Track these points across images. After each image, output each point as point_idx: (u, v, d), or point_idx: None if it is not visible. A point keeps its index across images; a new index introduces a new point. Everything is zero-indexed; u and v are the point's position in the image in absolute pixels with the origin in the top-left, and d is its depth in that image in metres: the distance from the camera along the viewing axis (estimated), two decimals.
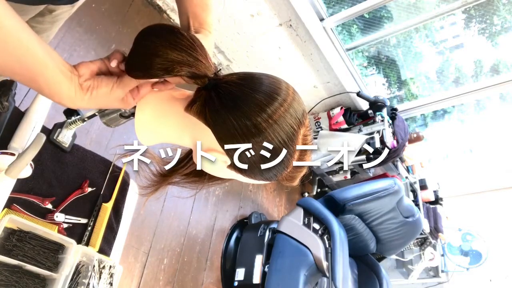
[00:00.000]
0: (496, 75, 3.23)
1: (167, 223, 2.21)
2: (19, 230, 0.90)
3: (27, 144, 0.92)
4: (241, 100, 0.54)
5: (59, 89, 0.51)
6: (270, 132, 0.54)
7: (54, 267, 0.93)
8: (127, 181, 1.19)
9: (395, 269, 3.54)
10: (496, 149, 3.90)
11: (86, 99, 0.54)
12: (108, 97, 0.55)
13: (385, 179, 2.57)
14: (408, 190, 3.21)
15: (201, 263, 2.37)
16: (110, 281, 1.02)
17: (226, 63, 2.89)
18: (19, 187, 0.93)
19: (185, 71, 0.53)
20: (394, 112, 2.96)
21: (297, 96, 0.58)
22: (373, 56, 3.30)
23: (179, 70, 0.52)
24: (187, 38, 0.53)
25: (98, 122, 1.85)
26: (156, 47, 0.52)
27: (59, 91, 0.51)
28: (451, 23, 3.25)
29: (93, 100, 0.54)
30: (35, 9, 0.83)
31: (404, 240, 2.59)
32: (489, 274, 3.37)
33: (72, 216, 1.03)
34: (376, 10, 2.67)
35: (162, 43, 0.52)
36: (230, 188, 2.78)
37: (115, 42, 2.13)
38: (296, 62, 2.74)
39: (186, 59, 0.52)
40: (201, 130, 0.57)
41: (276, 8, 2.36)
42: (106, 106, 0.57)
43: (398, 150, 2.86)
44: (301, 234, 2.08)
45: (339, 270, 1.94)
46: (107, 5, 2.15)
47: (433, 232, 3.28)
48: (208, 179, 0.69)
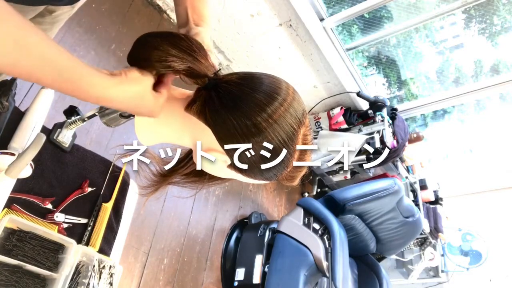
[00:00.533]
0: (496, 75, 3.23)
1: (167, 223, 2.21)
2: (19, 230, 0.90)
3: (27, 144, 0.92)
4: (241, 100, 0.54)
5: (91, 79, 0.49)
6: (270, 132, 0.54)
7: (54, 267, 0.93)
8: (127, 181, 1.19)
9: (395, 269, 3.54)
10: (496, 149, 3.90)
11: (118, 84, 0.52)
12: (141, 82, 0.54)
13: (385, 179, 2.57)
14: (408, 190, 3.21)
15: (201, 263, 2.37)
16: (110, 281, 1.02)
17: (226, 63, 2.89)
18: (19, 187, 0.93)
19: (184, 66, 0.53)
20: (394, 112, 2.96)
21: (297, 95, 0.58)
22: (373, 56, 3.30)
23: (178, 65, 0.53)
24: (186, 40, 0.55)
25: (98, 122, 1.85)
26: (157, 42, 0.54)
27: (91, 81, 0.49)
28: (451, 23, 3.25)
29: (126, 86, 0.52)
30: (34, 10, 0.82)
31: (404, 240, 2.59)
32: (489, 274, 3.37)
33: (72, 216, 1.03)
34: (376, 10, 2.67)
35: (163, 40, 0.54)
36: (230, 188, 2.78)
37: (115, 42, 2.13)
38: (296, 62, 2.74)
39: (185, 57, 0.53)
40: (201, 130, 0.57)
41: (276, 8, 2.36)
42: (138, 94, 0.54)
43: (398, 150, 2.86)
44: (301, 234, 2.08)
45: (339, 270, 1.94)
46: (107, 5, 2.15)
47: (433, 232, 3.28)
48: (208, 179, 0.69)
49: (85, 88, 0.48)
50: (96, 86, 0.49)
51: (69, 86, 0.47)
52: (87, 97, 0.49)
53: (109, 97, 0.51)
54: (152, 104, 0.56)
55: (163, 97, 0.58)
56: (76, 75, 0.47)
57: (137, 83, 0.53)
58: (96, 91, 0.49)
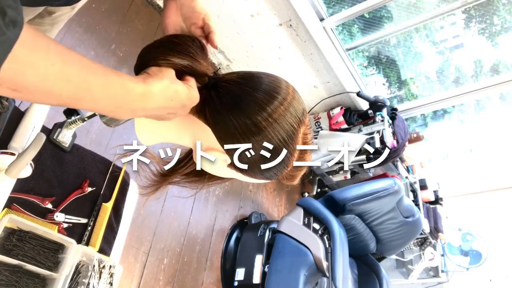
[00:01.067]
0: (496, 75, 3.23)
1: (167, 223, 2.21)
2: (19, 230, 0.90)
3: (27, 144, 0.92)
4: (241, 99, 0.54)
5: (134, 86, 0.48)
6: (270, 131, 0.54)
7: (54, 267, 0.93)
8: (127, 181, 1.19)
9: (395, 269, 3.54)
10: (496, 149, 3.90)
11: (146, 78, 0.50)
12: (165, 70, 0.52)
13: (385, 179, 2.57)
14: (408, 190, 3.21)
15: (201, 263, 2.37)
16: (110, 281, 1.02)
17: (226, 63, 2.89)
18: (19, 187, 0.93)
19: (184, 63, 0.53)
20: (394, 112, 2.96)
21: (297, 95, 0.58)
22: (373, 56, 3.30)
23: (178, 62, 0.53)
24: (185, 41, 0.56)
25: (98, 122, 1.85)
26: (157, 43, 0.56)
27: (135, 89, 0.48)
28: (451, 23, 3.25)
29: (157, 78, 0.50)
30: (33, 11, 0.82)
31: (404, 240, 2.59)
32: (489, 274, 3.37)
33: (72, 216, 1.03)
34: (376, 10, 2.67)
35: (163, 43, 0.56)
36: (230, 188, 2.78)
37: (115, 42, 2.13)
38: (296, 62, 2.74)
39: (186, 58, 0.54)
40: (201, 130, 0.57)
41: (276, 8, 2.36)
42: (170, 80, 0.51)
43: (398, 150, 2.86)
44: (301, 234, 2.08)
45: (339, 270, 1.94)
46: (107, 5, 2.15)
47: (433, 232, 3.28)
48: (208, 179, 0.69)
49: (133, 99, 0.47)
50: (136, 89, 0.47)
51: (119, 103, 0.47)
52: (130, 108, 0.48)
53: (151, 97, 0.49)
54: (185, 88, 0.52)
55: (193, 81, 0.55)
56: (124, 91, 0.46)
57: (162, 72, 0.51)
58: (139, 97, 0.48)
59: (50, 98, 0.40)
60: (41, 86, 0.38)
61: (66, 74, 0.39)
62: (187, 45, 0.55)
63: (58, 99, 0.41)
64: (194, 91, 0.53)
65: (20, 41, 0.34)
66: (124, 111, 0.48)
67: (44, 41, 0.38)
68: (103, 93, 0.44)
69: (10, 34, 0.32)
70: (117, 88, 0.45)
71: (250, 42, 2.66)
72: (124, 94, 0.46)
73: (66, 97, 0.41)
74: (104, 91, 0.44)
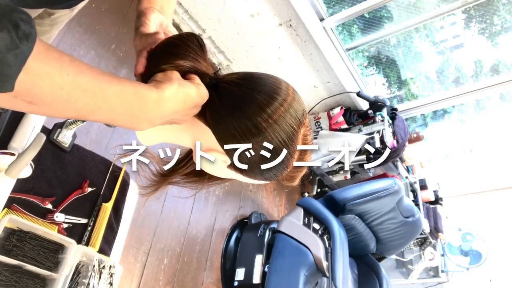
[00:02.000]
0: (496, 75, 3.24)
1: (167, 223, 2.21)
2: (19, 230, 0.90)
3: (27, 144, 0.92)
4: (241, 100, 0.54)
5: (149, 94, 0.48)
6: (270, 132, 0.54)
7: (54, 267, 0.93)
8: (127, 181, 1.19)
9: (395, 269, 3.54)
10: (496, 149, 3.90)
11: (158, 84, 0.50)
12: (171, 73, 0.52)
13: (385, 179, 2.57)
14: (408, 190, 3.21)
15: (201, 263, 2.37)
16: (110, 281, 1.02)
17: (226, 63, 2.89)
18: (19, 187, 0.93)
19: (187, 64, 0.54)
20: (394, 112, 2.96)
21: (297, 95, 0.58)
22: (373, 56, 3.30)
23: (182, 64, 0.54)
24: (185, 41, 0.56)
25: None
26: (157, 49, 0.57)
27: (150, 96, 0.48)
28: (451, 23, 3.25)
29: (166, 83, 0.50)
30: (33, 12, 0.82)
31: (404, 240, 2.59)
32: (489, 274, 3.37)
33: (72, 216, 1.03)
34: (376, 10, 2.67)
35: (163, 48, 0.57)
36: (230, 188, 2.78)
37: (115, 42, 2.13)
38: (296, 62, 2.74)
39: (188, 59, 0.55)
40: (201, 130, 0.57)
41: (276, 8, 2.36)
42: (177, 82, 0.51)
43: (398, 150, 2.86)
44: (301, 234, 2.08)
45: (339, 270, 1.94)
46: (107, 5, 2.15)
47: (433, 232, 3.28)
48: (208, 179, 0.69)
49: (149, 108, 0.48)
50: (152, 95, 0.48)
51: (135, 112, 0.47)
52: (147, 117, 0.49)
53: (164, 102, 0.49)
54: (194, 87, 0.52)
55: (198, 79, 0.55)
56: (142, 101, 0.47)
57: (169, 76, 0.52)
58: (155, 103, 0.48)
59: (67, 109, 0.41)
60: (57, 97, 0.38)
61: (81, 83, 0.40)
62: (187, 45, 0.55)
63: (74, 109, 0.41)
64: (202, 88, 0.54)
65: (33, 54, 0.34)
66: (142, 121, 0.48)
67: (57, 52, 0.39)
68: (118, 100, 0.44)
69: (23, 47, 0.33)
70: (132, 95, 0.46)
71: (250, 42, 2.66)
72: (139, 101, 0.46)
73: (82, 106, 0.41)
74: (119, 98, 0.44)
